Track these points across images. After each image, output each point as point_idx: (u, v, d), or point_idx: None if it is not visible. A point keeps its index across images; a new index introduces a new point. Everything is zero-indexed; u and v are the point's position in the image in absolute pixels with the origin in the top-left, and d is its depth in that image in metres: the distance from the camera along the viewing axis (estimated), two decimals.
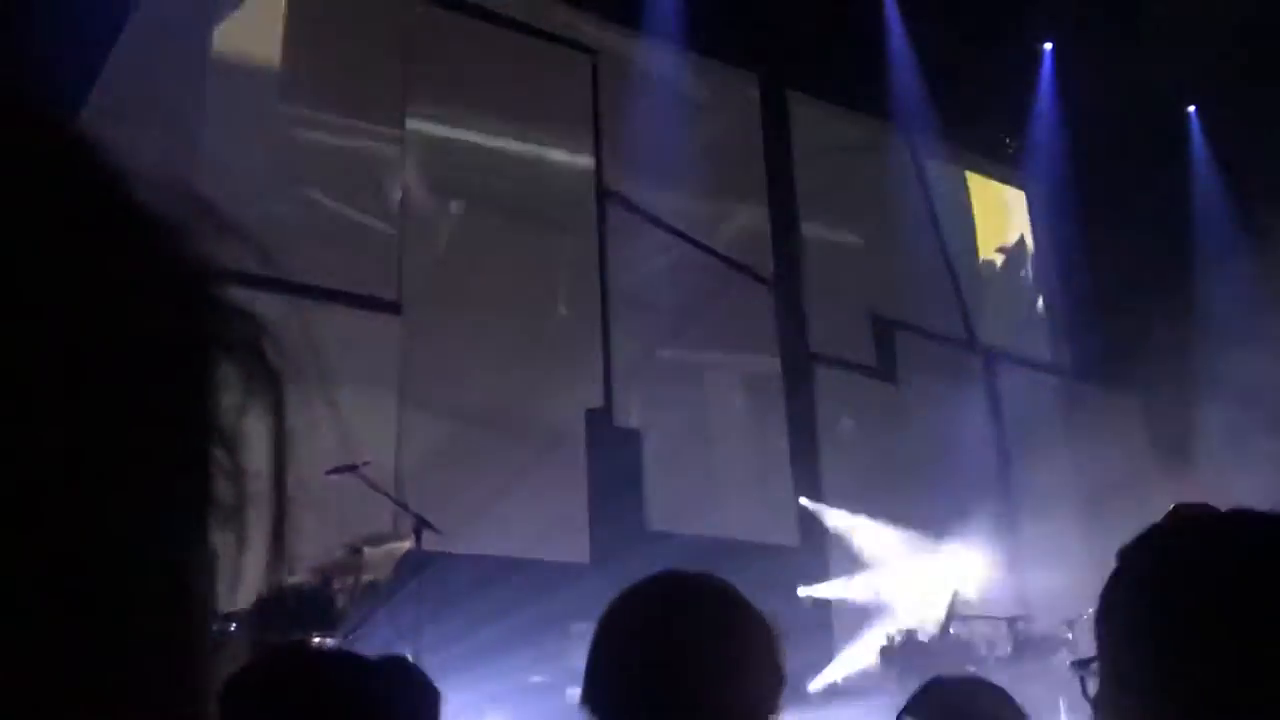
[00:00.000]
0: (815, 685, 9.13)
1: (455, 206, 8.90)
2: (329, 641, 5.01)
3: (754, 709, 1.48)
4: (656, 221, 10.09)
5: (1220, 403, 10.82)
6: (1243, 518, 1.14)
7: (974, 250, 12.32)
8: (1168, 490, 12.01)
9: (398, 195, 8.54)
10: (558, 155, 9.56)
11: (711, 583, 1.54)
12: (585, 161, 9.69)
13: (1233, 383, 10.73)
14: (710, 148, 10.53)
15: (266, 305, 0.44)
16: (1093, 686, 1.08)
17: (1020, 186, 13.26)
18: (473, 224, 8.97)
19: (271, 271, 0.45)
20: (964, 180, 12.46)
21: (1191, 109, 12.87)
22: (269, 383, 0.43)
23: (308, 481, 0.45)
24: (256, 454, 0.43)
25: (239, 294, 0.44)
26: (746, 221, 10.92)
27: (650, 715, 1.44)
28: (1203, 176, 12.58)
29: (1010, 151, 13.12)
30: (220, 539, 0.42)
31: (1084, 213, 12.53)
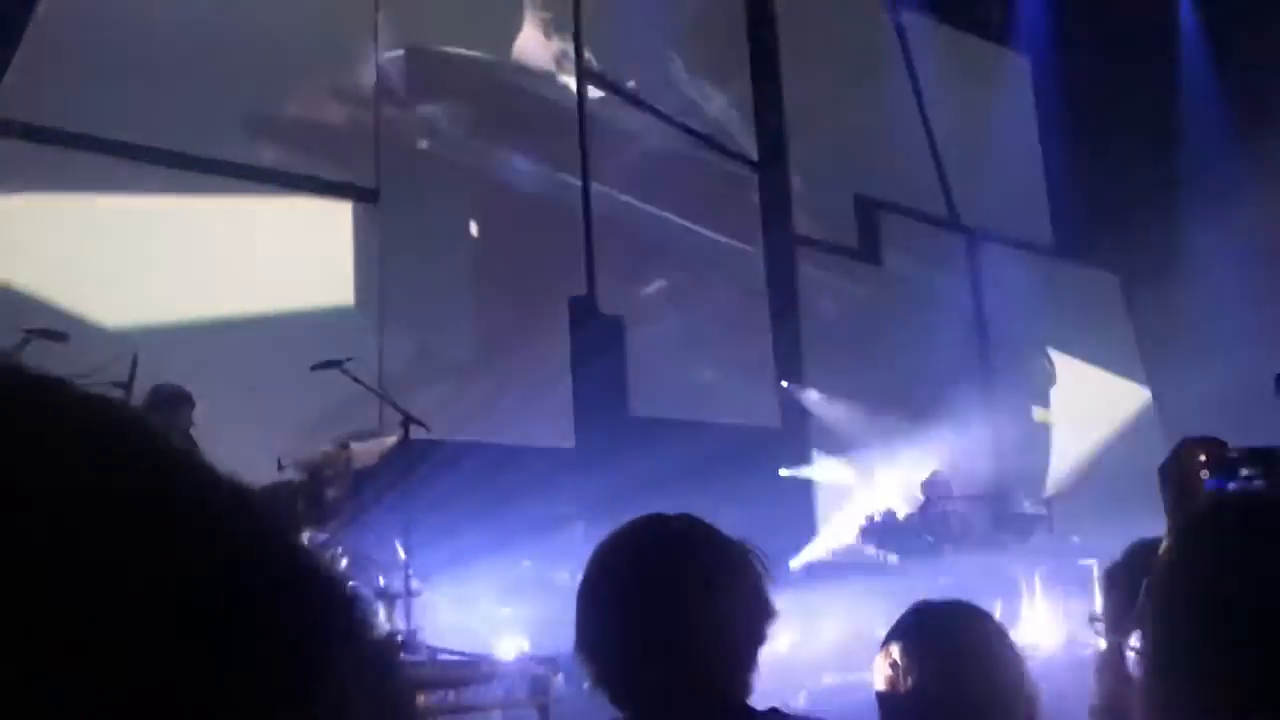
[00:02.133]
0: (796, 563, 9.33)
1: (431, 95, 8.71)
2: (319, 536, 5.10)
3: (744, 644, 1.52)
4: (639, 102, 9.93)
5: (1199, 279, 10.87)
6: None
7: (959, 128, 12.18)
8: (1149, 373, 12.17)
9: (372, 81, 8.36)
10: (538, 38, 9.35)
11: (694, 524, 1.57)
12: (565, 43, 9.48)
13: (1212, 259, 10.77)
14: (692, 26, 10.31)
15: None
16: (1107, 640, 1.11)
17: (1007, 62, 13.06)
18: (450, 112, 8.80)
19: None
20: (949, 54, 12.25)
21: None
22: None
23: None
24: None
25: None
26: (730, 102, 10.75)
27: (643, 659, 1.48)
28: (1189, 52, 12.40)
29: (997, 27, 12.89)
30: None
31: (1069, 90, 12.38)
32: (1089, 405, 11.89)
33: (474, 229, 8.76)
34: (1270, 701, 0.95)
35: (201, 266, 7.14)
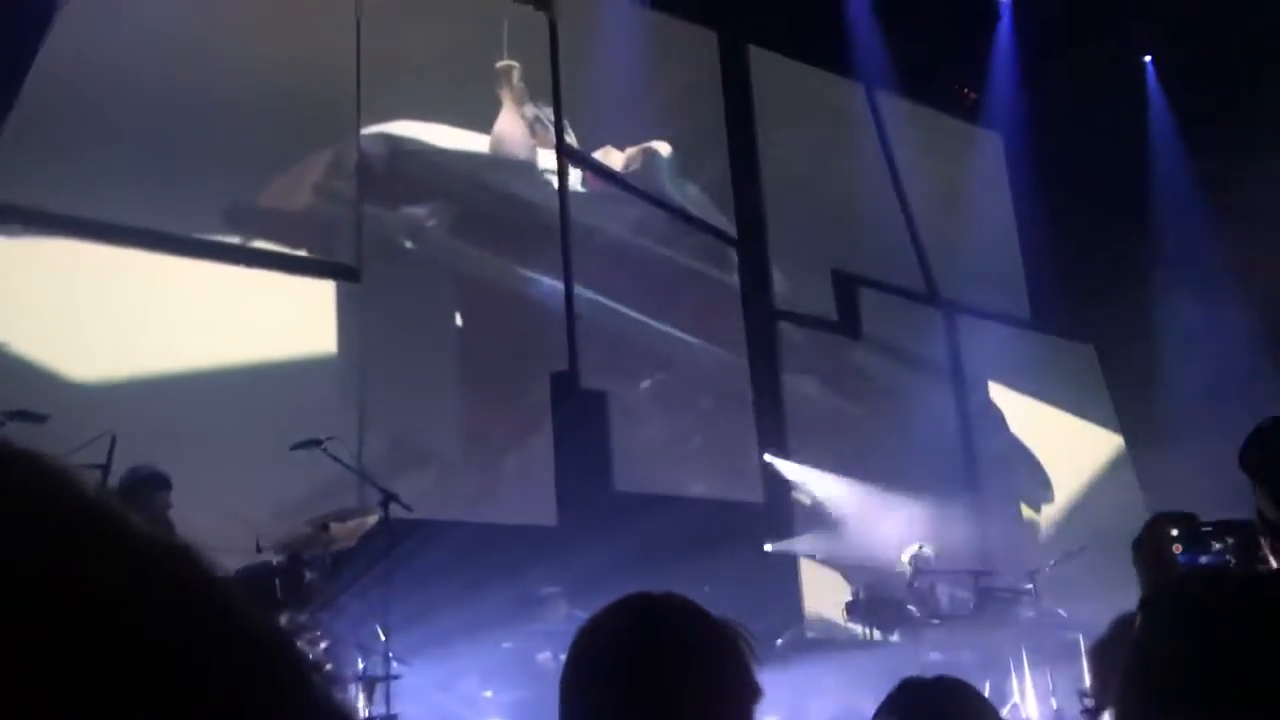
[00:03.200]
0: (782, 640, 9.24)
1: (411, 171, 8.79)
2: (300, 618, 5.02)
3: None
4: (619, 180, 10.05)
5: (1176, 351, 10.97)
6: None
7: (935, 204, 12.36)
8: (1126, 443, 12.21)
9: (354, 161, 8.43)
10: (515, 120, 9.46)
11: (679, 604, 1.55)
12: (544, 126, 9.61)
13: (1189, 331, 10.88)
14: (671, 105, 10.48)
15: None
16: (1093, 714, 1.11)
17: (980, 138, 13.31)
18: (430, 188, 8.87)
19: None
20: (923, 132, 12.47)
21: (1148, 59, 12.94)
22: None
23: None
24: None
25: None
26: (709, 179, 10.89)
27: None
28: (1159, 127, 12.67)
29: (969, 104, 13.15)
30: None
31: (1042, 164, 12.60)
32: (1070, 477, 11.92)
33: (455, 308, 8.77)
34: None
35: (180, 342, 7.12)
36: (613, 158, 10.00)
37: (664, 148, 10.09)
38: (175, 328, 7.15)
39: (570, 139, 9.68)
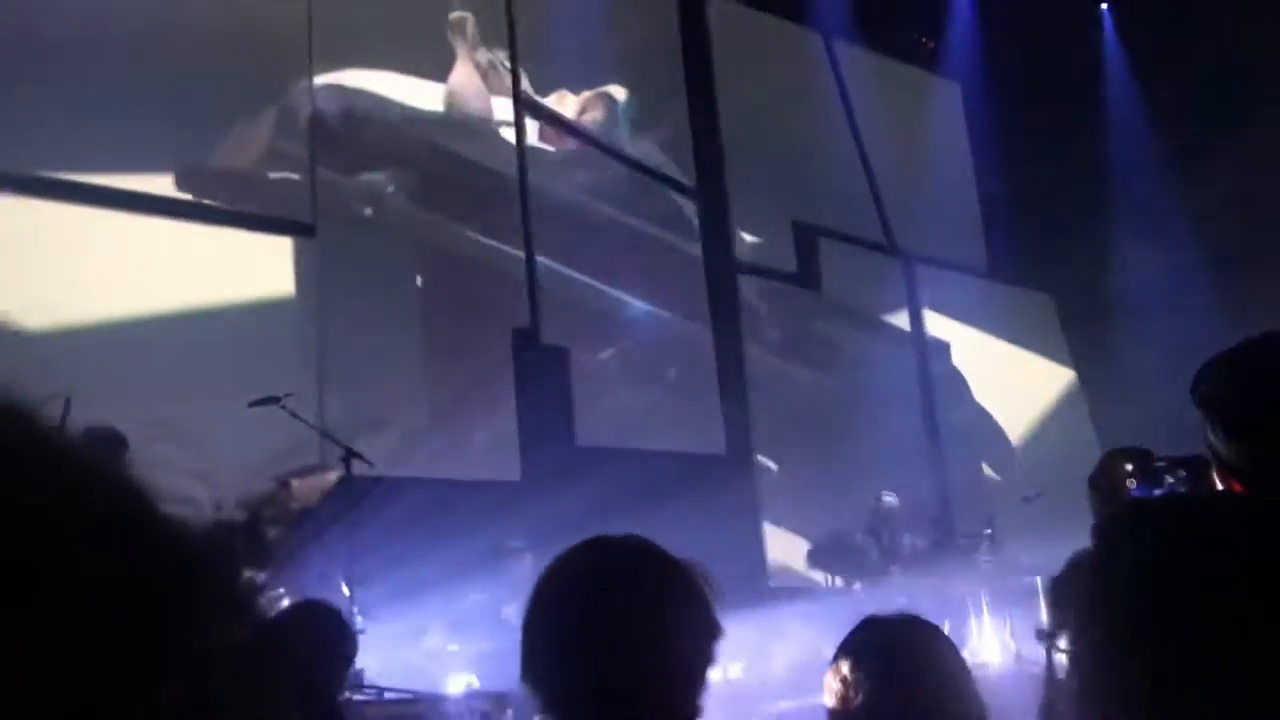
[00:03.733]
0: (745, 588, 9.33)
1: (366, 135, 8.65)
2: (262, 576, 5.00)
3: (693, 664, 1.51)
4: (575, 131, 9.96)
5: (1132, 299, 11.10)
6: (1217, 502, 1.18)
7: (893, 154, 12.37)
8: (1083, 390, 12.38)
9: (307, 115, 8.29)
10: (470, 72, 9.32)
11: (639, 546, 1.56)
12: (500, 67, 9.48)
13: (1144, 280, 11.01)
14: (629, 55, 10.38)
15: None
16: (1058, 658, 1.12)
17: (938, 88, 13.30)
18: (384, 139, 8.75)
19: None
20: (882, 82, 12.45)
21: (1104, 6, 12.96)
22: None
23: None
24: None
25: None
26: (667, 130, 10.82)
27: (591, 685, 1.46)
28: (1116, 75, 12.72)
29: (927, 52, 13.14)
30: None
31: (999, 114, 12.63)
32: (1027, 426, 12.07)
33: (414, 263, 8.69)
34: (1185, 699, 0.95)
35: (134, 300, 7.01)
36: (567, 101, 9.88)
37: (619, 92, 9.98)
38: (129, 285, 7.03)
39: (526, 89, 9.56)
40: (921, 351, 12.03)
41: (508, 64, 9.38)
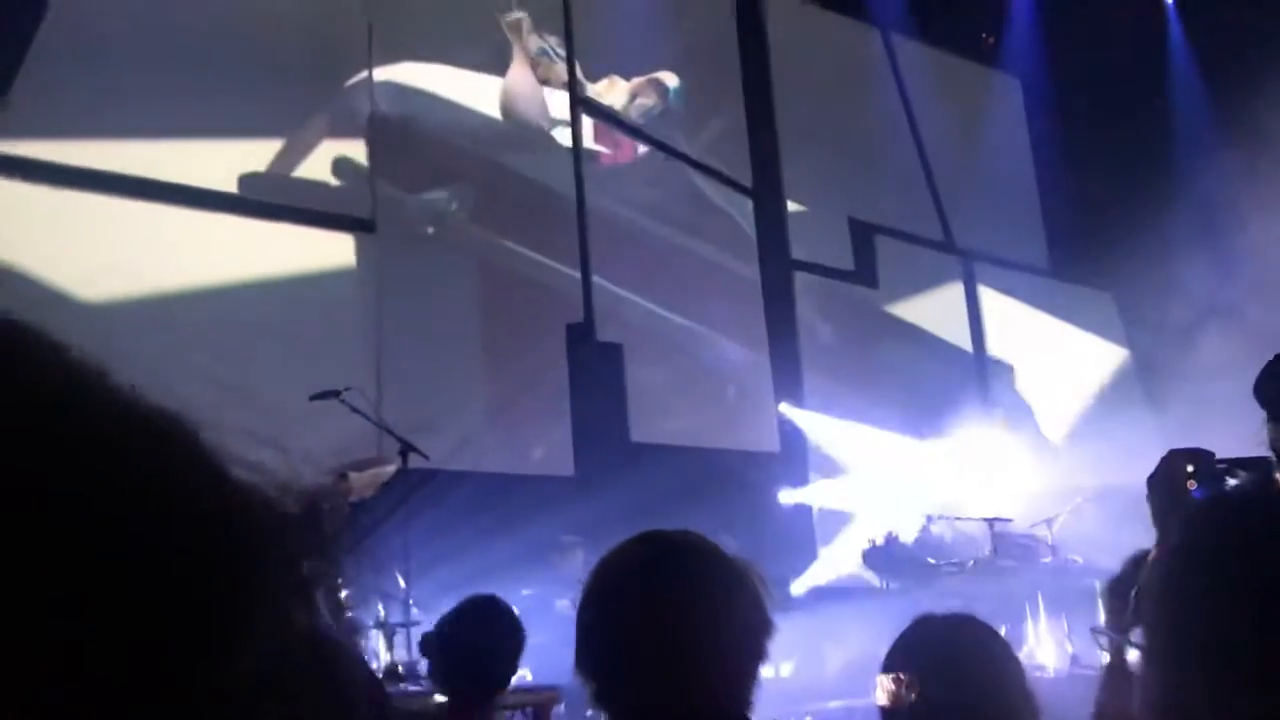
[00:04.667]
0: (798, 588, 9.30)
1: (425, 137, 8.73)
2: (319, 566, 5.06)
3: (745, 659, 1.52)
4: (632, 129, 9.97)
5: (1196, 297, 10.88)
6: None
7: (952, 150, 12.24)
8: (1144, 396, 12.17)
9: (366, 111, 8.38)
10: (525, 73, 9.36)
11: (692, 541, 1.57)
12: (553, 55, 9.51)
13: (1209, 277, 10.79)
14: (685, 51, 10.37)
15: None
16: (1110, 650, 1.11)
17: (998, 84, 13.14)
18: (445, 156, 8.82)
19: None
20: (941, 78, 12.32)
21: (1170, 2, 12.72)
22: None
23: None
24: None
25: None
26: (723, 126, 10.80)
27: (642, 676, 1.48)
28: (1181, 70, 12.48)
29: (988, 48, 12.98)
30: None
31: (1061, 109, 12.45)
32: (1087, 425, 11.88)
33: (473, 260, 8.75)
34: (1271, 688, 0.94)
35: (195, 289, 7.14)
36: (618, 87, 9.88)
37: (671, 78, 9.96)
38: (188, 278, 7.17)
39: (581, 80, 9.59)
40: (977, 335, 11.89)
41: (560, 51, 9.41)
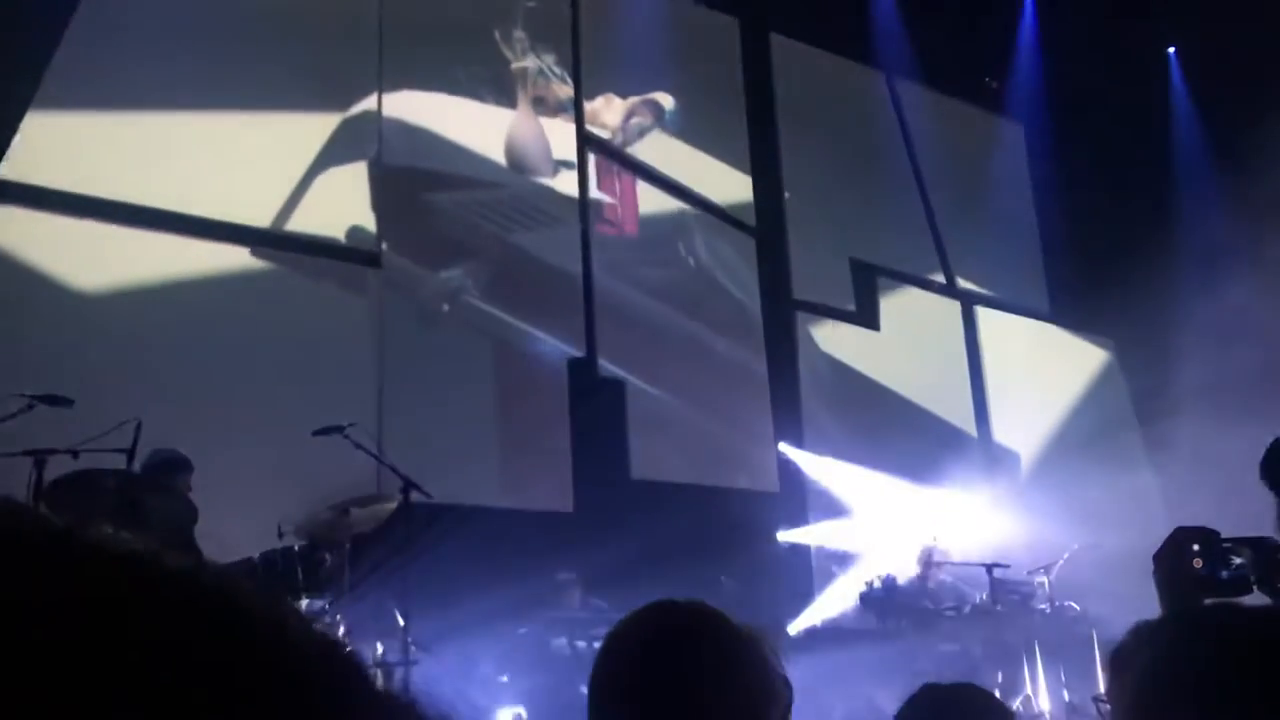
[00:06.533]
0: (794, 628, 9.26)
1: (431, 158, 8.81)
2: (317, 604, 5.07)
3: None
4: (638, 168, 10.05)
5: (1197, 347, 10.90)
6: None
7: (954, 193, 12.32)
8: (1143, 439, 12.15)
9: (374, 149, 8.47)
10: (530, 116, 9.46)
11: (704, 611, 1.60)
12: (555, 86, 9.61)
13: (1210, 327, 10.81)
14: (692, 93, 10.47)
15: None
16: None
17: (1001, 128, 13.25)
18: (450, 176, 8.90)
19: None
20: (944, 121, 12.42)
21: (1171, 50, 12.85)
22: None
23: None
24: None
25: None
26: (728, 167, 10.88)
27: None
28: (1182, 119, 12.58)
29: (991, 93, 13.09)
30: None
31: (1064, 155, 12.53)
32: (1085, 472, 11.87)
33: (474, 289, 8.80)
34: None
35: (202, 328, 7.18)
36: (614, 105, 9.96)
37: (667, 99, 10.05)
38: (192, 310, 7.21)
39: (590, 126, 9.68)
40: (976, 379, 11.90)
41: (558, 69, 9.49)
